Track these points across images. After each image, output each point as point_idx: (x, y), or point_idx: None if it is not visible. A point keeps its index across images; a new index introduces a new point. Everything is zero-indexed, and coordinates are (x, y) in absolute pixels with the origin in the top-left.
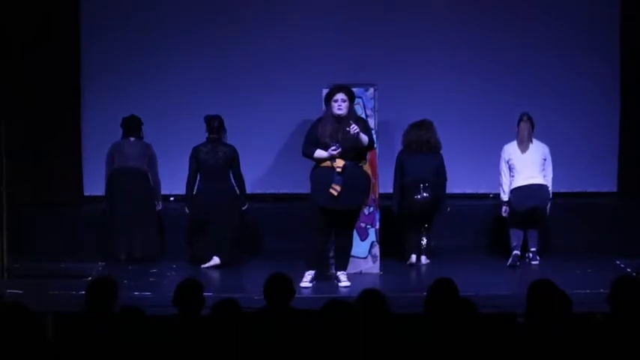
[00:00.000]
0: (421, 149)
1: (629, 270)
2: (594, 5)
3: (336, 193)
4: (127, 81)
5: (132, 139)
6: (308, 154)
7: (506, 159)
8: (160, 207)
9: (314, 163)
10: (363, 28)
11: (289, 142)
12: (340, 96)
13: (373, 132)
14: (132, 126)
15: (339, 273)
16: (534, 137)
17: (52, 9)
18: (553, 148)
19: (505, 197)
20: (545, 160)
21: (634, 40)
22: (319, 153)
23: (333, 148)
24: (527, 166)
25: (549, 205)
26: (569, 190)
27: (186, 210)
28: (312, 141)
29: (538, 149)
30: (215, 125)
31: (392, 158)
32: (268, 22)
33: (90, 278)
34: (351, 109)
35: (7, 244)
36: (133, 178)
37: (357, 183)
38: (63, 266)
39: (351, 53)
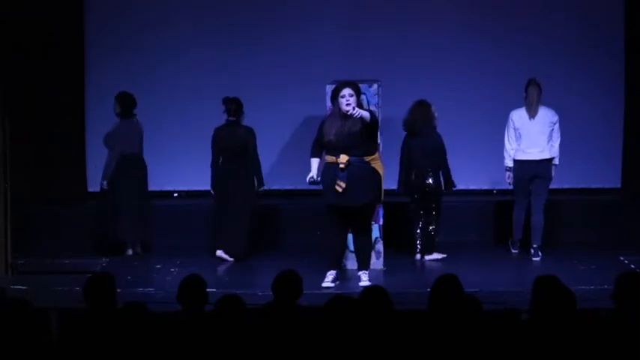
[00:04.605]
0: (420, 131)
1: (633, 266)
2: (598, 2)
3: (340, 190)
4: (131, 77)
5: (132, 119)
6: (310, 155)
7: (514, 126)
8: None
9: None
10: (366, 24)
11: (293, 139)
12: (347, 91)
13: None
14: (132, 105)
15: (359, 272)
16: (543, 104)
17: (55, 7)
18: None
19: (510, 163)
20: (552, 129)
21: (638, 37)
22: (313, 164)
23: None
24: (535, 135)
25: (553, 171)
26: (573, 187)
27: (212, 192)
28: (319, 140)
29: (547, 116)
30: (232, 107)
31: (396, 154)
32: (271, 19)
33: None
34: (358, 103)
35: (12, 240)
36: (135, 167)
37: (362, 179)
38: (67, 262)
39: (354, 49)
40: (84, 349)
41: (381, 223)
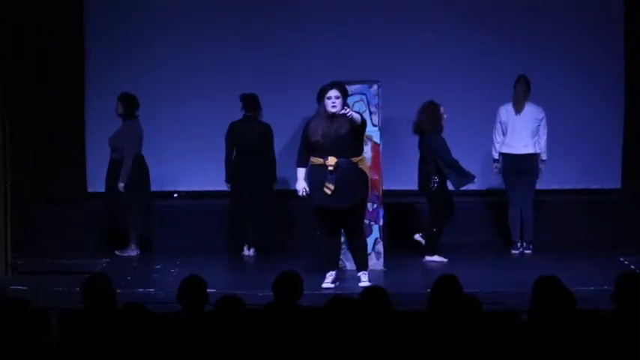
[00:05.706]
0: (425, 132)
1: (633, 267)
2: (598, 2)
3: (330, 192)
4: (131, 77)
5: (136, 120)
6: (297, 163)
7: (500, 120)
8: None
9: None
10: (366, 24)
11: (292, 139)
12: (333, 93)
13: (376, 128)
14: (136, 106)
15: (359, 273)
16: (531, 100)
17: (55, 8)
18: (557, 145)
19: (496, 155)
20: (538, 125)
21: (638, 37)
22: (300, 174)
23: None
24: (519, 129)
25: (541, 167)
26: (573, 187)
27: (228, 188)
28: (305, 143)
29: (532, 112)
30: (248, 104)
31: (395, 155)
32: (271, 19)
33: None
34: (344, 105)
35: (12, 240)
36: (142, 167)
37: (352, 180)
38: (67, 262)
39: (354, 49)
40: (84, 350)
41: (381, 223)
